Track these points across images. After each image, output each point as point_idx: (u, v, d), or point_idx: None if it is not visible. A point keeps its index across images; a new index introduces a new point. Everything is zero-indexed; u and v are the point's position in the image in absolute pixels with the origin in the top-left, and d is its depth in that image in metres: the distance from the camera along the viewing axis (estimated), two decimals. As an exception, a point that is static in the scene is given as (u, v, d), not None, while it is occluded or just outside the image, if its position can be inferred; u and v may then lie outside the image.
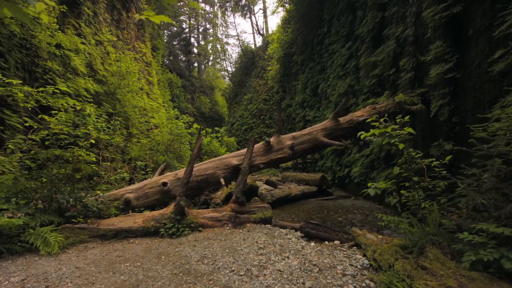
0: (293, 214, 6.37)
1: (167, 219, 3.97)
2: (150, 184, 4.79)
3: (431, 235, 2.66)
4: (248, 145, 4.89)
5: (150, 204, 4.68)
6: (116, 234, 3.76)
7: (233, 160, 4.97)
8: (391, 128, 3.20)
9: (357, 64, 9.64)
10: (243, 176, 4.72)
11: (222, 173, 4.89)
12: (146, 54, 16.14)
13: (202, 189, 4.89)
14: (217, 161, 5.01)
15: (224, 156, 5.06)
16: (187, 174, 4.47)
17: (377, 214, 3.90)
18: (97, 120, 8.21)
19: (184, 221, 4.03)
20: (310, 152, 5.34)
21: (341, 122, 5.41)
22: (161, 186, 4.71)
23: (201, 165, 4.99)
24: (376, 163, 7.65)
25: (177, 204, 3.99)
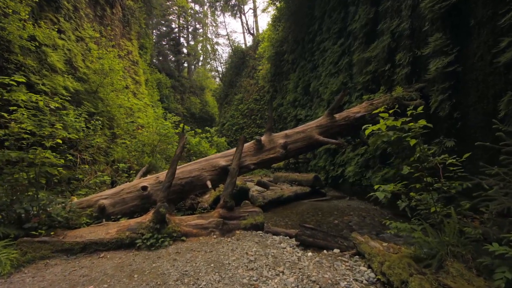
0: (286, 217, 5.93)
1: (145, 229, 3.46)
2: (128, 188, 4.26)
3: (451, 246, 2.25)
4: (237, 145, 4.42)
5: (128, 211, 4.15)
6: (84, 247, 3.22)
7: (221, 160, 4.49)
8: (401, 122, 2.78)
9: (350, 61, 9.30)
10: (231, 178, 4.25)
11: (208, 175, 4.41)
12: (133, 53, 15.47)
13: (187, 193, 4.39)
14: (203, 162, 4.52)
15: (211, 156, 4.58)
16: (168, 177, 3.96)
17: (383, 220, 3.48)
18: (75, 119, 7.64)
19: (164, 230, 3.52)
20: (304, 151, 4.91)
21: (337, 118, 5.01)
22: (140, 191, 4.19)
23: (185, 167, 4.49)
24: (372, 162, 7.29)
25: (156, 211, 3.48)
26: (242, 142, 4.39)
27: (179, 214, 4.47)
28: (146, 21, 22.01)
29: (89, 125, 7.89)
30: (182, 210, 4.66)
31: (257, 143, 4.64)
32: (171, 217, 3.78)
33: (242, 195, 6.00)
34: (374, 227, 5.15)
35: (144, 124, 9.82)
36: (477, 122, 4.66)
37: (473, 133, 4.75)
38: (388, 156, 6.63)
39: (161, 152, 9.72)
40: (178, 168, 4.47)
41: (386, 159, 6.77)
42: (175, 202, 4.44)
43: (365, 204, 7.32)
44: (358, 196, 7.99)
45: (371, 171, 7.19)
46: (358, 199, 7.90)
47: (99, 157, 9.03)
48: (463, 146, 4.76)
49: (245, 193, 6.05)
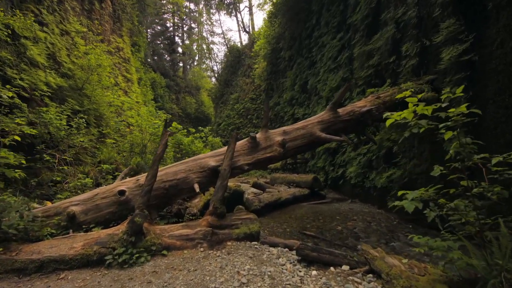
0: (285, 223, 5.38)
1: (117, 242, 2.88)
2: (103, 193, 3.68)
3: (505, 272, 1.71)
4: (229, 142, 3.86)
5: (102, 219, 3.57)
6: (41, 266, 2.64)
7: (210, 160, 3.93)
8: (432, 108, 2.24)
9: (350, 55, 8.79)
10: (222, 180, 3.69)
11: (196, 177, 3.84)
12: (124, 50, 14.83)
13: (171, 197, 3.82)
14: (191, 162, 3.95)
15: (200, 156, 4.01)
16: (149, 179, 3.39)
17: (408, 234, 2.92)
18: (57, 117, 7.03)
19: (141, 243, 2.95)
20: (304, 149, 4.37)
21: (341, 113, 4.47)
22: (117, 196, 3.61)
23: (169, 168, 3.91)
24: (375, 163, 6.77)
25: (131, 221, 2.91)
26: (234, 140, 3.83)
27: (163, 222, 3.90)
28: (139, 18, 21.38)
29: (72, 123, 7.28)
30: (166, 218, 4.09)
31: (251, 140, 4.08)
32: (150, 227, 3.20)
33: (235, 199, 5.44)
34: (382, 234, 4.62)
35: (134, 123, 9.20)
36: (498, 117, 4.15)
37: (492, 129, 4.24)
38: (394, 156, 6.11)
39: (152, 152, 9.12)
40: (161, 170, 3.90)
41: (391, 159, 6.25)
42: (158, 208, 3.87)
43: (368, 207, 6.79)
44: (360, 198, 7.46)
45: (375, 172, 6.67)
46: (360, 201, 7.38)
47: (85, 158, 8.43)
48: (482, 144, 4.26)
49: (239, 197, 5.49)
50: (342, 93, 4.38)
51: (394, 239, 4.39)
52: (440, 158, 5.08)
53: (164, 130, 3.48)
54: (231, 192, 5.27)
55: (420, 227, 5.10)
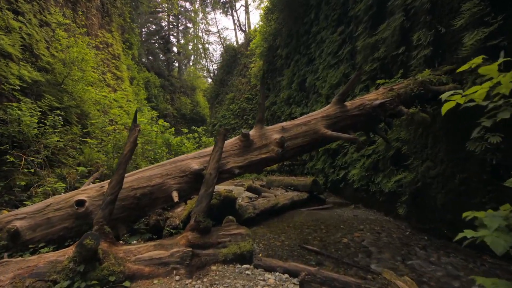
0: (282, 234, 4.65)
1: (61, 272, 2.14)
2: (58, 203, 2.92)
3: None
4: (215, 141, 3.13)
5: (55, 236, 2.82)
6: None
7: (193, 163, 3.19)
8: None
9: (352, 50, 8.12)
10: (207, 187, 2.95)
11: (175, 183, 3.09)
12: (114, 46, 14.02)
13: (144, 209, 3.07)
14: (169, 165, 3.21)
15: (180, 157, 3.27)
16: (112, 187, 2.65)
17: (426, 247, 2.23)
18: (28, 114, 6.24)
19: (94, 273, 2.20)
20: (306, 149, 3.66)
21: (349, 107, 3.76)
22: (74, 208, 2.86)
23: (142, 172, 3.16)
24: (382, 165, 6.08)
25: (80, 245, 2.16)
26: (221, 137, 3.10)
27: (133, 239, 3.14)
28: (132, 15, 20.58)
29: (46, 121, 6.48)
30: (139, 233, 3.33)
31: (243, 138, 3.35)
32: (111, 249, 2.45)
33: (227, 207, 4.70)
34: (396, 248, 3.91)
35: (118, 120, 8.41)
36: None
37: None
38: (403, 157, 5.43)
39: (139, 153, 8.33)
40: (132, 174, 3.15)
41: (400, 161, 5.57)
42: (128, 222, 3.12)
43: (374, 213, 6.10)
44: (364, 204, 6.77)
45: (381, 175, 5.97)
46: (364, 207, 6.69)
47: (67, 159, 7.64)
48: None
49: (231, 204, 4.75)
50: (352, 83, 3.67)
51: (411, 255, 3.68)
52: (459, 159, 4.41)
53: (133, 125, 2.73)
54: (221, 199, 4.53)
55: (435, 238, 4.41)
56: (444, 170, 4.53)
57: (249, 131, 3.37)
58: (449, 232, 4.34)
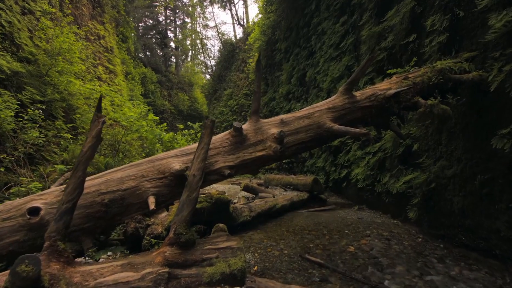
0: (281, 240, 4.13)
1: (-11, 308, 1.62)
2: (7, 211, 2.38)
3: None
4: (201, 135, 2.59)
5: (4, 252, 2.28)
6: None
7: (174, 162, 2.65)
8: None
9: (355, 40, 7.57)
10: (190, 192, 2.42)
11: (152, 186, 2.56)
12: (106, 38, 13.39)
13: (114, 218, 2.52)
14: (145, 164, 2.67)
15: (160, 156, 2.73)
16: (69, 192, 2.11)
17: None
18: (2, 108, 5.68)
19: (37, 306, 1.69)
20: (309, 146, 3.13)
21: (358, 98, 3.23)
22: (26, 217, 2.33)
23: (113, 173, 2.62)
24: (389, 163, 5.56)
25: (13, 273, 1.62)
26: (208, 131, 2.56)
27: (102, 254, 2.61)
28: (128, 8, 19.88)
29: (24, 115, 5.92)
30: (111, 245, 2.80)
31: (235, 133, 2.81)
32: (65, 272, 1.92)
33: (219, 210, 4.18)
34: (410, 259, 3.40)
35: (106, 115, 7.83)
36: None
37: None
38: (414, 155, 4.92)
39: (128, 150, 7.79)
40: (100, 176, 2.60)
41: (410, 160, 5.06)
42: (94, 233, 2.58)
43: (380, 216, 5.59)
44: (369, 205, 6.26)
45: (388, 175, 5.46)
46: (369, 208, 6.18)
47: (53, 156, 7.08)
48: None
49: (224, 207, 4.23)
50: (363, 68, 3.13)
51: (428, 268, 3.17)
52: (480, 158, 3.90)
53: (96, 115, 2.19)
54: (213, 202, 4.01)
55: (452, 246, 3.90)
56: (462, 170, 4.02)
57: (242, 124, 2.83)
58: (468, 240, 3.83)
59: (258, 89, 2.92)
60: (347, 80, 3.24)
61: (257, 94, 2.94)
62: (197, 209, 3.89)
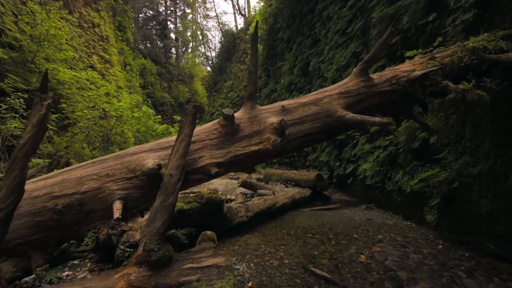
0: (281, 247, 3.61)
1: None
2: None
3: None
4: (180, 125, 2.03)
5: None
6: None
7: (148, 157, 2.11)
8: None
9: (364, 25, 6.91)
10: (165, 196, 1.88)
11: (119, 188, 2.02)
12: (101, 27, 12.74)
13: (71, 227, 1.99)
14: (112, 161, 2.13)
15: (131, 150, 2.18)
16: (1, 198, 1.59)
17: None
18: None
19: None
20: (316, 139, 2.57)
21: (376, 81, 2.65)
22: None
23: (70, 172, 2.08)
24: (402, 158, 4.99)
25: None
26: (190, 120, 2.01)
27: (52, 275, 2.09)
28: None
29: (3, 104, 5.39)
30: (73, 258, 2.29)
31: (225, 122, 2.25)
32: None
33: (211, 211, 3.65)
34: (433, 273, 2.87)
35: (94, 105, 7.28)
36: None
37: None
38: (432, 151, 4.34)
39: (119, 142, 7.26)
40: (53, 175, 2.06)
41: (426, 155, 4.49)
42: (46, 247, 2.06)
43: (390, 216, 5.05)
44: (377, 203, 5.71)
45: (401, 171, 4.89)
46: (377, 207, 5.63)
47: (40, 149, 6.57)
48: None
49: (217, 208, 3.70)
50: (384, 44, 2.54)
51: (457, 286, 2.64)
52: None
53: (39, 97, 1.63)
54: (204, 202, 3.48)
55: (478, 255, 3.36)
56: (490, 167, 3.45)
57: (233, 111, 2.26)
58: (497, 248, 3.29)
59: (254, 68, 2.35)
60: (364, 59, 2.65)
61: (253, 75, 2.37)
62: (185, 211, 3.37)
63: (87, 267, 2.58)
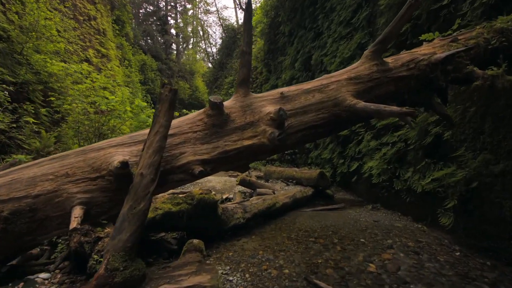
0: (281, 253, 3.24)
1: None
2: None
3: None
4: (155, 114, 1.64)
5: None
6: None
7: (118, 154, 1.74)
8: None
9: (370, 15, 6.48)
10: (135, 202, 1.50)
11: (81, 191, 1.65)
12: (98, 20, 12.33)
13: (22, 238, 1.62)
14: (73, 157, 1.75)
15: (97, 145, 1.80)
16: None
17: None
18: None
19: None
20: (320, 133, 2.18)
21: (391, 65, 2.25)
22: None
23: (22, 171, 1.70)
24: (412, 156, 4.58)
25: None
26: (166, 107, 1.63)
27: None
28: (124, -9, 18.64)
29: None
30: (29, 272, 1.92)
31: (212, 111, 1.87)
32: None
33: (204, 213, 3.29)
34: (453, 285, 2.49)
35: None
36: None
37: None
38: (446, 147, 3.94)
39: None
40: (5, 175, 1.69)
41: (439, 152, 4.09)
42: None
43: (399, 218, 4.66)
44: (384, 203, 5.32)
45: (411, 169, 4.49)
46: (384, 207, 5.24)
47: (30, 145, 6.22)
48: None
49: (210, 209, 3.34)
50: (402, 21, 2.14)
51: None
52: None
53: None
54: (195, 203, 3.11)
55: (502, 264, 2.98)
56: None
57: (222, 99, 1.87)
58: (525, 257, 2.90)
59: (247, 48, 1.96)
60: (378, 38, 2.25)
61: (246, 56, 1.98)
62: (174, 213, 3.01)
63: (57, 279, 2.22)
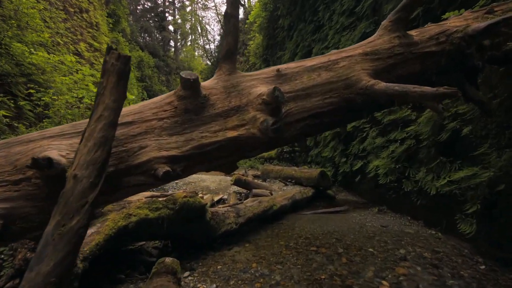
0: (277, 266, 2.77)
1: None
2: None
3: None
4: (98, 91, 1.15)
5: None
6: None
7: (51, 147, 1.27)
8: None
9: (374, 2, 5.98)
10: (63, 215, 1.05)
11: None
12: (90, 13, 11.82)
13: None
14: (-8, 152, 1.30)
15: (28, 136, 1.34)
16: None
17: None
18: None
19: None
20: (327, 123, 1.69)
21: (416, 38, 1.76)
22: None
23: None
24: (424, 154, 4.11)
25: None
26: (113, 81, 1.13)
27: None
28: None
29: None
30: None
31: (184, 91, 1.39)
32: None
33: (190, 220, 2.83)
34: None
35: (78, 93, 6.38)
36: None
37: None
38: (464, 144, 3.47)
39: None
40: None
41: (456, 150, 3.62)
42: None
43: (409, 223, 4.19)
44: (390, 206, 4.86)
45: (423, 169, 4.02)
46: (391, 210, 4.78)
47: None
48: None
49: (196, 215, 2.87)
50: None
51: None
52: None
53: None
54: (177, 208, 2.65)
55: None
56: None
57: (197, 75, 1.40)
58: None
59: (233, 10, 1.47)
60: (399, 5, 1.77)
61: (232, 20, 1.49)
62: (152, 220, 2.53)
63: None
